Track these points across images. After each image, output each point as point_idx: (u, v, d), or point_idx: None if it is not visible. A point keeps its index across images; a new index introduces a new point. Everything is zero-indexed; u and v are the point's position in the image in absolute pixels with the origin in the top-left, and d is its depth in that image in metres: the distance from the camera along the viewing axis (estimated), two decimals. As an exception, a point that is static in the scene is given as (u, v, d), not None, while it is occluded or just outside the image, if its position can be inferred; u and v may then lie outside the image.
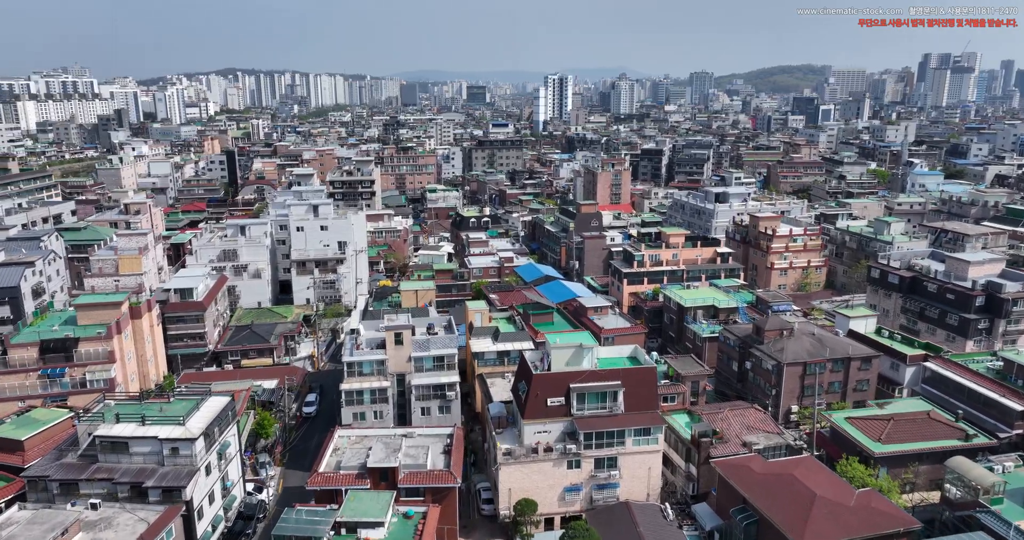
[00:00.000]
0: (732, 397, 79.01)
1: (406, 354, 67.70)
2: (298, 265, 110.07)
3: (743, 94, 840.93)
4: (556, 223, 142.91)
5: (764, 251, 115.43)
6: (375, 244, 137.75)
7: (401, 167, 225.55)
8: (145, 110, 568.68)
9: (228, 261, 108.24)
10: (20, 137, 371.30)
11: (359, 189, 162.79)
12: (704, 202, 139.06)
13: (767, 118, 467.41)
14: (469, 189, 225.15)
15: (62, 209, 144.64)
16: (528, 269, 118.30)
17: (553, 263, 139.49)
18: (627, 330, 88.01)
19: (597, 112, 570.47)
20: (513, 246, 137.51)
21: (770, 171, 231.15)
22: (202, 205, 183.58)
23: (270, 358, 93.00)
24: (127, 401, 57.32)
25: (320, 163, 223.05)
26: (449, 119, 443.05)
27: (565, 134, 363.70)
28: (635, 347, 64.88)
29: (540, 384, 57.83)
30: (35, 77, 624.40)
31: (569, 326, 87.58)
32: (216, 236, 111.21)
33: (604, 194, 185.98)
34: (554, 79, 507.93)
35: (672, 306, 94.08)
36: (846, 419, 62.88)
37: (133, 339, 77.31)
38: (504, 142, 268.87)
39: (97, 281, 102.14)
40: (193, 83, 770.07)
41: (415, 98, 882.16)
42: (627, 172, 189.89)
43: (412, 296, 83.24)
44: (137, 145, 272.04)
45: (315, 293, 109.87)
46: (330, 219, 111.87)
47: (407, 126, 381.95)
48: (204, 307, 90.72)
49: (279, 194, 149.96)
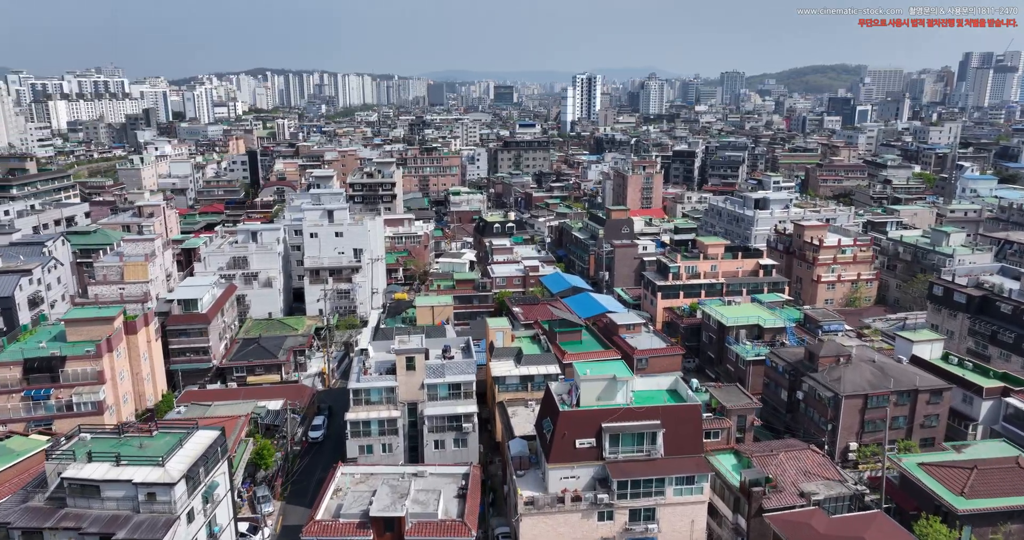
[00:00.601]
0: (780, 430, 71.18)
1: (418, 381, 61.00)
2: (311, 274, 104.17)
3: (775, 94, 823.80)
4: (584, 230, 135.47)
5: (810, 263, 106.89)
6: (394, 250, 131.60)
7: (424, 168, 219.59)
8: (174, 109, 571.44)
9: (238, 269, 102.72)
10: (49, 136, 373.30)
11: (379, 192, 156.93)
12: (743, 208, 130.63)
13: (802, 119, 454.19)
14: (494, 191, 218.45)
15: (75, 211, 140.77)
16: (554, 279, 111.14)
17: (581, 272, 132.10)
18: (662, 351, 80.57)
19: (626, 112, 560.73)
20: (539, 253, 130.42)
21: (808, 174, 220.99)
22: (221, 207, 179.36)
23: (278, 374, 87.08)
24: (105, 434, 51.31)
25: (342, 164, 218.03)
26: (476, 119, 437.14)
27: (593, 135, 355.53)
28: (676, 378, 57.44)
29: (568, 423, 50.69)
30: (68, 77, 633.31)
31: (599, 346, 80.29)
32: (226, 242, 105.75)
33: (635, 198, 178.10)
34: (582, 79, 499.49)
35: (712, 324, 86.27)
36: (919, 465, 54.75)
37: (127, 356, 71.69)
38: (531, 143, 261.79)
39: (101, 289, 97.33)
40: (223, 83, 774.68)
41: (442, 98, 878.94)
42: (659, 175, 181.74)
43: (428, 312, 76.73)
44: (160, 145, 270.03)
45: (328, 303, 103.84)
46: (345, 225, 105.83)
47: (433, 126, 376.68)
48: (208, 320, 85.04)
49: (297, 197, 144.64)
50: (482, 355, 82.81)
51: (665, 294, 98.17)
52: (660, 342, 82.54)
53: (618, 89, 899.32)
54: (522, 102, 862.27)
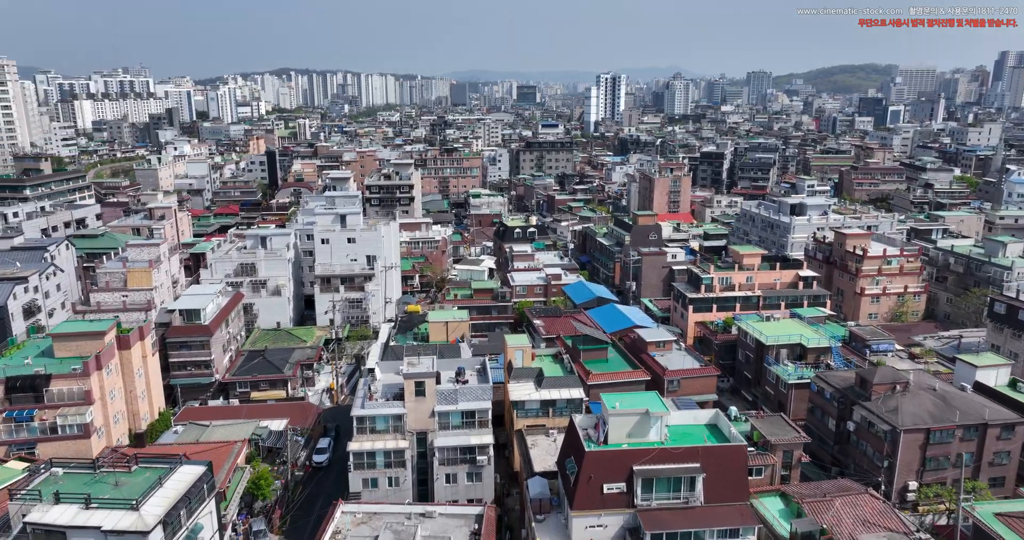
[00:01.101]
0: (827, 463, 64.54)
1: (429, 408, 55.35)
2: (322, 282, 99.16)
3: (803, 94, 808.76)
4: (609, 235, 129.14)
5: (852, 274, 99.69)
6: (410, 255, 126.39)
7: (444, 170, 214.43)
8: (198, 109, 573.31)
9: (246, 276, 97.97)
10: (73, 136, 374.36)
11: (397, 194, 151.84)
12: (778, 214, 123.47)
13: (832, 119, 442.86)
14: (515, 194, 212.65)
15: (86, 213, 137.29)
16: (578, 289, 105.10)
17: (605, 280, 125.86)
18: (696, 372, 74.27)
19: (650, 112, 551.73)
20: (561, 260, 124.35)
21: (842, 177, 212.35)
22: (236, 208, 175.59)
23: (283, 390, 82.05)
24: (79, 468, 46.30)
25: (361, 165, 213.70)
26: (498, 119, 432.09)
27: (618, 135, 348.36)
28: (716, 412, 51.14)
29: (594, 464, 44.73)
30: (95, 76, 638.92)
31: (626, 365, 74.20)
32: (233, 248, 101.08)
33: (661, 202, 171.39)
34: (606, 78, 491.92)
35: (749, 342, 79.67)
36: (996, 516, 47.93)
37: (120, 373, 66.95)
38: (553, 144, 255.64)
39: (104, 296, 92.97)
40: (248, 83, 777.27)
41: (465, 98, 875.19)
42: (687, 178, 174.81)
43: (442, 328, 71.19)
44: (179, 144, 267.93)
45: (340, 313, 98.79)
46: (358, 231, 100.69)
47: (454, 126, 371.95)
48: (211, 332, 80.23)
49: (312, 199, 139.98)
50: (500, 372, 77.20)
51: (697, 307, 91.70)
52: (693, 361, 76.20)
53: (642, 89, 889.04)
54: (545, 102, 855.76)
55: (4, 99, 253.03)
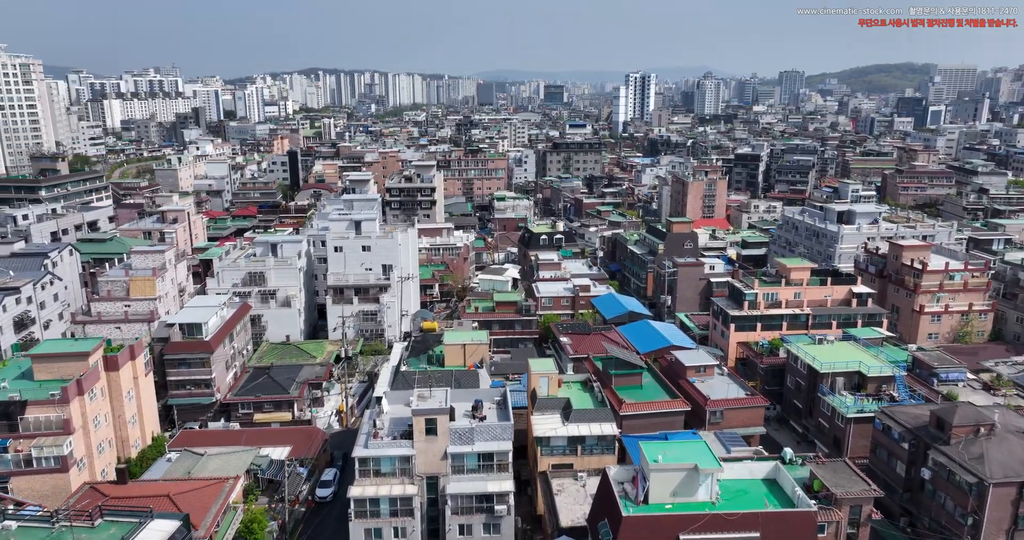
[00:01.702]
0: (896, 513, 56.57)
1: (441, 448, 48.61)
2: (334, 292, 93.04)
3: (837, 94, 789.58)
4: (642, 243, 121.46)
5: (910, 290, 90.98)
6: (430, 262, 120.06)
7: (469, 171, 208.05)
8: (226, 108, 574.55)
9: (254, 285, 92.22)
10: (101, 135, 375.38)
11: (418, 197, 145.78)
12: (824, 222, 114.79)
13: (869, 120, 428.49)
14: (542, 196, 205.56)
15: (98, 215, 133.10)
16: (608, 302, 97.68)
17: (636, 291, 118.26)
18: (742, 402, 66.62)
19: (680, 113, 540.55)
20: (590, 269, 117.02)
21: (886, 181, 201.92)
22: (254, 210, 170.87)
23: (289, 412, 76.01)
24: (36, 521, 40.36)
25: (383, 166, 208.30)
26: (524, 119, 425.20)
27: (647, 136, 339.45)
28: (776, 466, 43.75)
29: (633, 531, 37.60)
30: (126, 76, 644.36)
31: (663, 392, 66.83)
32: (242, 255, 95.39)
33: (695, 206, 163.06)
34: (635, 78, 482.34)
35: (800, 368, 71.73)
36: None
37: (108, 396, 61.23)
38: (581, 145, 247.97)
39: (105, 306, 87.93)
40: (276, 82, 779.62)
41: (492, 98, 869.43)
42: (722, 181, 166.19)
43: (458, 352, 64.49)
44: (202, 144, 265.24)
45: (353, 326, 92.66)
46: (374, 238, 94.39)
47: (480, 126, 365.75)
48: (212, 348, 74.40)
49: (329, 202, 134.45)
50: (522, 395, 70.47)
51: (739, 326, 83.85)
52: (738, 389, 68.53)
53: (671, 89, 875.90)
54: (573, 102, 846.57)
55: (30, 98, 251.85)
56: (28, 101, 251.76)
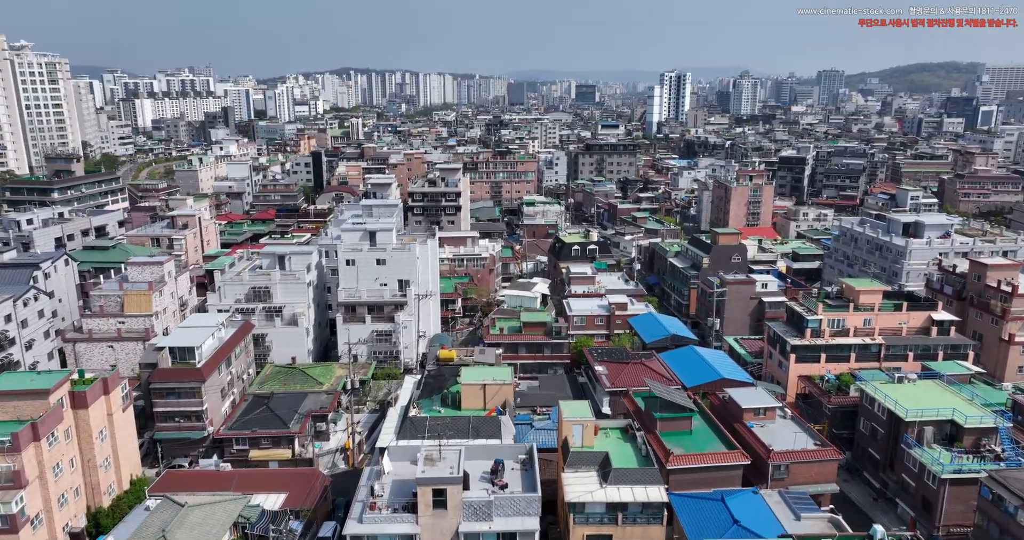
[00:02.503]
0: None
1: (451, 526, 39.59)
2: (345, 310, 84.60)
3: (879, 94, 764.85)
4: (683, 256, 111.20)
5: (997, 316, 79.62)
6: (453, 274, 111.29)
7: (497, 173, 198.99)
8: (257, 108, 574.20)
9: (259, 301, 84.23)
10: (130, 134, 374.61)
11: (442, 202, 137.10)
12: (888, 235, 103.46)
13: (916, 121, 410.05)
14: (573, 201, 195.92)
15: (107, 220, 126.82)
16: (647, 323, 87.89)
17: (677, 308, 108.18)
18: (811, 455, 56.52)
19: (716, 113, 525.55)
20: (627, 284, 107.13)
21: (943, 187, 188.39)
22: (274, 213, 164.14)
23: (288, 449, 67.69)
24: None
25: (408, 168, 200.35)
26: (555, 119, 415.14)
27: (684, 137, 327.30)
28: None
29: None
30: (159, 75, 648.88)
31: (717, 440, 57.11)
32: (246, 268, 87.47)
33: (739, 214, 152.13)
34: (671, 77, 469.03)
35: (878, 413, 61.27)
36: None
37: (75, 438, 53.34)
38: (615, 146, 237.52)
39: (97, 322, 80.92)
40: (309, 82, 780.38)
41: (522, 97, 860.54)
42: (769, 187, 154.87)
43: (477, 393, 55.43)
44: (227, 144, 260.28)
45: (366, 347, 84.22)
46: (389, 250, 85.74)
47: (510, 126, 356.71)
48: (204, 376, 66.36)
49: (348, 207, 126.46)
50: (551, 435, 61.39)
51: (801, 356, 73.50)
52: (805, 438, 58.42)
53: (704, 88, 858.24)
54: (604, 102, 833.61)
55: (55, 98, 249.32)
56: (54, 101, 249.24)
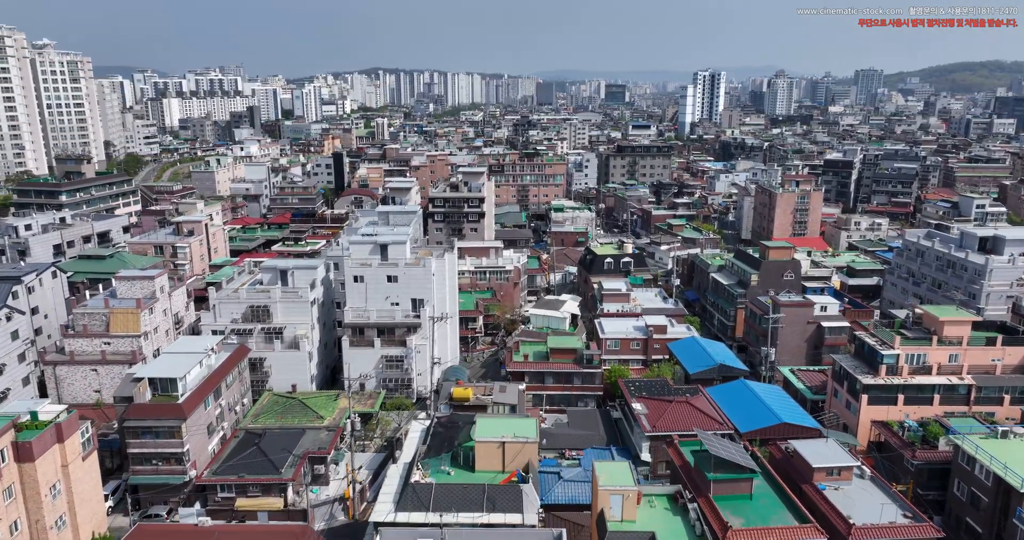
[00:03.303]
0: None
1: None
2: (353, 332, 75.95)
3: (919, 94, 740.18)
4: (729, 272, 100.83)
5: (1103, 351, 68.21)
6: (475, 288, 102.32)
7: (524, 176, 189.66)
8: (284, 107, 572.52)
9: (257, 321, 75.98)
10: (155, 134, 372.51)
11: (465, 209, 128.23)
12: (962, 250, 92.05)
13: (965, 121, 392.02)
14: (604, 206, 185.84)
15: (111, 225, 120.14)
16: (691, 351, 78.00)
17: (721, 330, 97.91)
18: (902, 532, 46.20)
19: (749, 113, 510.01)
20: (665, 301, 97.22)
21: (1005, 192, 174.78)
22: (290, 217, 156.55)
23: (280, 498, 59.10)
24: None
25: (431, 170, 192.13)
26: (585, 119, 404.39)
27: (719, 138, 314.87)
28: None
29: None
30: (189, 75, 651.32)
31: (783, 510, 47.19)
32: (244, 285, 79.24)
33: (784, 222, 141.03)
34: (704, 76, 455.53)
35: (980, 476, 50.73)
36: None
37: (20, 497, 45.23)
38: (648, 148, 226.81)
39: (80, 343, 73.36)
40: (338, 82, 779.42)
41: (551, 97, 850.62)
42: (817, 193, 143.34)
43: (494, 453, 46.01)
44: (248, 144, 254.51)
45: (374, 375, 75.53)
46: (402, 265, 76.92)
47: (539, 126, 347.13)
48: (186, 413, 58.08)
49: (364, 213, 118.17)
50: (582, 488, 52.38)
51: (874, 397, 63.12)
52: (892, 506, 48.13)
53: (736, 88, 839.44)
54: (634, 102, 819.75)
55: (77, 97, 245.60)
56: (75, 100, 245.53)
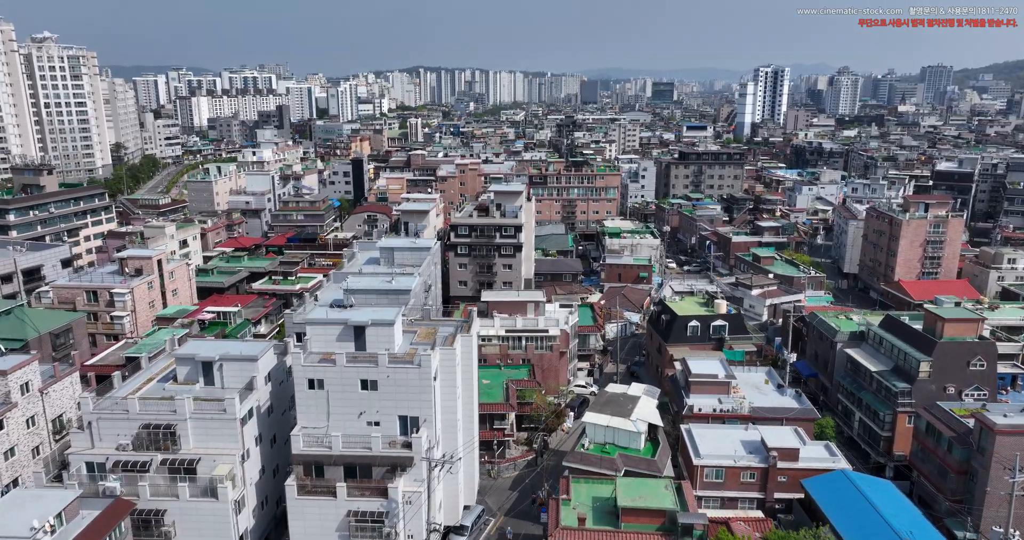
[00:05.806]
0: None
1: None
2: (304, 470, 47.26)
3: (995, 92, 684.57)
4: (874, 350, 69.32)
5: None
6: (504, 361, 73.07)
7: (571, 190, 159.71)
8: (320, 106, 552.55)
9: (155, 449, 47.83)
10: (177, 134, 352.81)
11: (496, 239, 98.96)
12: None
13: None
14: (669, 226, 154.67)
15: (44, 259, 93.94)
16: (842, 498, 47.50)
17: (867, 437, 66.64)
18: None
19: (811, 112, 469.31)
20: (781, 393, 66.46)
21: None
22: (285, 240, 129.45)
23: None
24: None
25: (460, 181, 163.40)
26: (633, 119, 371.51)
27: (791, 142, 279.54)
28: None
29: None
30: (224, 73, 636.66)
31: None
32: (148, 384, 51.11)
33: (911, 258, 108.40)
34: (766, 72, 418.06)
35: None
36: None
37: None
38: (717, 155, 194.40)
39: None
40: (378, 80, 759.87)
41: (595, 96, 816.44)
42: (957, 221, 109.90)
43: None
44: (264, 147, 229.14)
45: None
46: (384, 363, 47.79)
47: (584, 127, 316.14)
48: None
49: (362, 248, 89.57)
50: None
51: None
52: None
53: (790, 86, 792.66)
54: (683, 101, 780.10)
55: (78, 95, 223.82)
56: (77, 98, 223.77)
